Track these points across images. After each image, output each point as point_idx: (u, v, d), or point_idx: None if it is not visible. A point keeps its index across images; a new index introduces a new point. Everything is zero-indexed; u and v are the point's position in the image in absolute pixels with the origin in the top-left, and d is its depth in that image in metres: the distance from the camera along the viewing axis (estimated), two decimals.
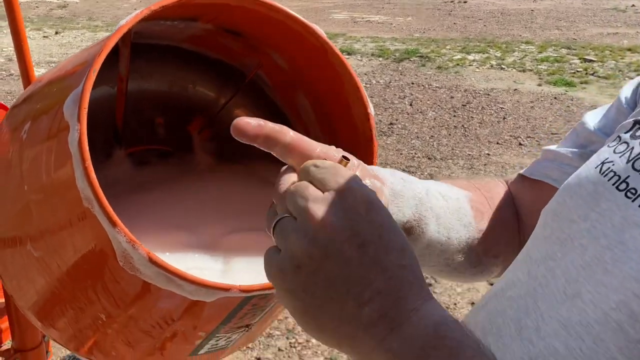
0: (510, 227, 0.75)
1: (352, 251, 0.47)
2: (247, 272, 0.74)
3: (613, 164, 0.54)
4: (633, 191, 0.50)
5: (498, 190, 0.78)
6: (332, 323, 0.48)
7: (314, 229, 0.47)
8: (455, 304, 2.68)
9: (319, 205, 0.48)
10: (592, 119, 0.70)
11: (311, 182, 0.51)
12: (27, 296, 0.78)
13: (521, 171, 0.77)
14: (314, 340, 2.47)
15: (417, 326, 0.46)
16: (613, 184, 0.52)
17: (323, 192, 0.49)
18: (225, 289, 0.63)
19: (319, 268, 0.47)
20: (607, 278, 0.48)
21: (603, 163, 0.55)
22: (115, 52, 0.85)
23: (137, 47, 0.87)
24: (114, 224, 0.60)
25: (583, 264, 0.50)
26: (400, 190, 0.66)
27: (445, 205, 0.70)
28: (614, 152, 0.55)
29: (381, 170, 0.66)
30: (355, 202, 0.48)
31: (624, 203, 0.50)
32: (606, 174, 0.53)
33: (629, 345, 0.45)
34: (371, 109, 0.76)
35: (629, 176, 0.51)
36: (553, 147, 0.74)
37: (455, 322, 0.48)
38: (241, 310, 0.70)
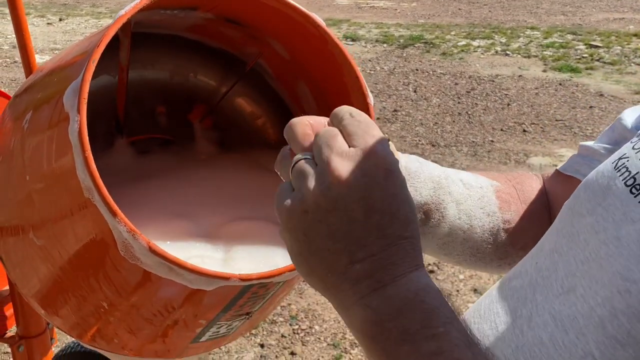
0: (540, 220, 0.75)
1: (358, 212, 0.48)
2: (248, 260, 0.74)
3: (628, 160, 0.54)
4: (638, 187, 0.50)
5: (531, 184, 0.78)
6: (323, 271, 0.49)
7: (330, 181, 0.48)
8: (457, 290, 2.69)
9: (341, 159, 0.49)
10: (630, 115, 0.70)
11: (341, 131, 0.51)
12: (30, 284, 0.79)
13: (558, 167, 0.77)
14: (317, 327, 2.49)
15: (400, 289, 0.48)
16: (623, 180, 0.52)
17: (349, 147, 0.50)
18: (225, 277, 0.64)
19: (324, 219, 0.48)
20: (600, 274, 0.48)
21: (620, 159, 0.55)
22: (115, 41, 0.85)
23: (137, 36, 0.87)
24: (114, 213, 0.61)
25: (583, 258, 0.50)
26: (415, 171, 0.67)
27: (467, 193, 0.70)
28: (633, 148, 0.55)
29: (396, 152, 0.67)
30: (377, 166, 0.49)
31: (627, 198, 0.50)
32: (619, 169, 0.53)
33: (606, 341, 0.46)
34: (371, 99, 0.76)
35: (638, 172, 0.52)
36: (589, 142, 0.74)
37: (437, 291, 0.49)
38: (241, 298, 0.71)
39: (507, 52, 6.61)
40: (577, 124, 4.63)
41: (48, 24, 8.19)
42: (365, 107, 0.77)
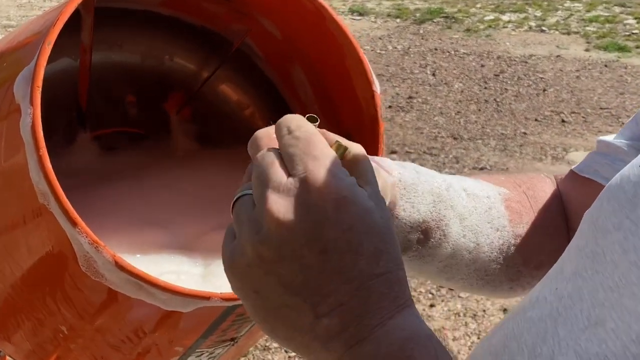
0: (556, 232, 0.74)
1: (311, 257, 0.46)
2: None
3: None
4: None
5: (544, 188, 0.76)
6: (287, 330, 0.48)
7: (267, 226, 0.47)
8: (484, 310, 2.69)
9: (278, 195, 0.47)
10: None
11: (281, 154, 0.50)
12: None
13: (573, 167, 0.75)
14: None
15: (380, 343, 0.46)
16: None
17: (288, 176, 0.48)
18: (205, 297, 0.64)
19: (272, 270, 0.47)
20: (633, 303, 0.46)
21: None
22: (76, 18, 0.85)
23: (103, 12, 0.88)
24: (73, 223, 0.61)
25: (612, 284, 0.49)
26: (412, 184, 0.66)
27: (472, 205, 0.69)
28: None
29: (387, 161, 0.66)
30: (322, 196, 0.47)
31: None
32: None
33: None
34: (376, 86, 0.77)
35: None
36: (608, 137, 0.72)
37: (428, 338, 0.48)
38: (224, 321, 0.71)
39: (543, 28, 6.61)
40: (625, 112, 4.63)
41: None
42: (370, 95, 0.78)
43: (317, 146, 0.49)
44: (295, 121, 0.51)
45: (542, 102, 4.84)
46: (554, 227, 0.73)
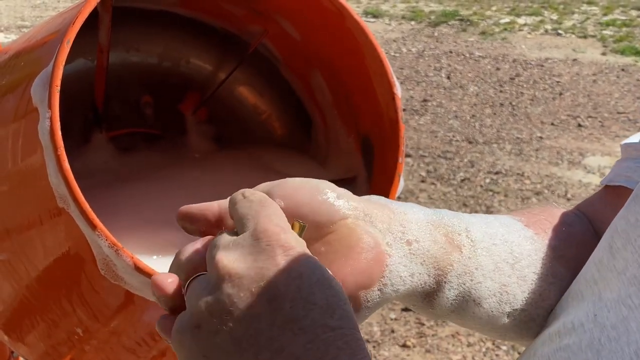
0: (591, 245, 0.62)
1: (261, 306, 0.44)
2: None
3: None
4: None
5: (558, 214, 0.66)
6: None
7: (217, 279, 0.45)
8: None
9: (228, 251, 0.46)
10: None
11: (234, 219, 0.50)
12: None
13: (602, 180, 0.67)
14: None
15: None
16: None
17: (239, 235, 0.48)
18: None
19: (221, 327, 0.45)
20: None
21: None
22: (94, 18, 0.85)
23: (120, 12, 0.88)
24: (93, 226, 0.61)
25: None
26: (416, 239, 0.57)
27: (492, 230, 0.60)
28: None
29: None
30: (270, 245, 0.46)
31: None
32: None
33: None
34: (398, 89, 0.76)
35: None
36: (633, 139, 0.65)
37: None
38: None
39: (559, 32, 6.58)
40: None
41: None
42: (390, 97, 0.77)
43: (270, 207, 0.49)
44: (249, 190, 0.51)
45: (559, 106, 4.82)
46: (586, 240, 0.65)
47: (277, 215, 0.48)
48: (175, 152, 1.00)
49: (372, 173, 0.86)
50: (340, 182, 0.90)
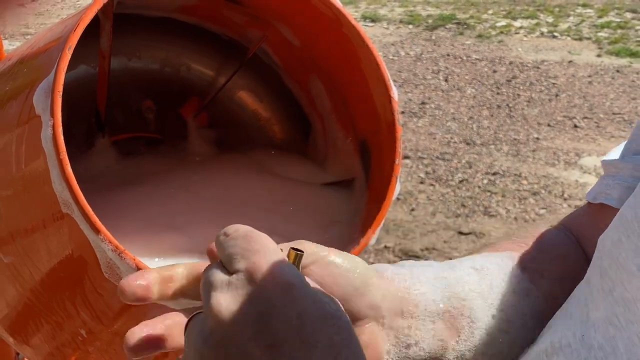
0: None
1: (259, 353, 0.42)
2: None
3: None
4: None
5: (552, 241, 0.67)
6: None
7: (210, 325, 0.43)
8: None
9: (222, 293, 0.44)
10: None
11: (222, 261, 0.47)
12: None
13: (587, 195, 0.68)
14: None
15: None
16: None
17: (231, 274, 0.45)
18: None
19: None
20: None
21: None
22: (95, 25, 0.85)
23: (121, 19, 0.88)
24: (97, 231, 0.61)
25: None
26: (412, 276, 0.59)
27: (487, 283, 0.61)
28: None
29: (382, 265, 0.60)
30: (266, 284, 0.43)
31: None
32: None
33: None
34: (394, 92, 0.76)
35: None
36: (613, 155, 0.65)
37: None
38: None
39: (555, 34, 6.58)
40: (637, 117, 4.60)
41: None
42: (387, 100, 0.77)
43: (258, 240, 0.47)
44: (232, 226, 0.49)
45: (555, 108, 4.82)
46: (578, 275, 0.64)
47: (267, 250, 0.46)
48: (176, 155, 1.00)
49: (369, 175, 0.86)
50: (339, 184, 0.90)
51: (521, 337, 0.60)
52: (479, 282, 0.60)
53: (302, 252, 0.48)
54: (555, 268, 0.64)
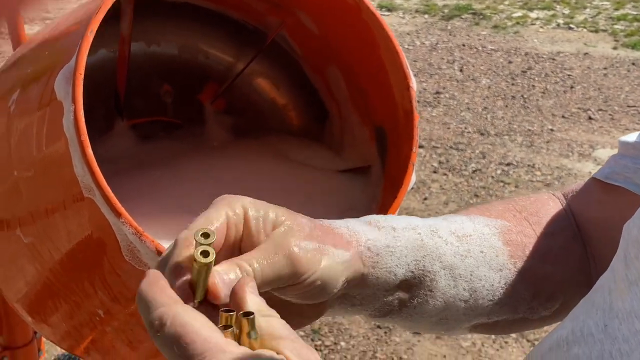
0: (567, 259, 0.64)
1: None
2: None
3: None
4: None
5: (548, 211, 0.66)
6: None
7: None
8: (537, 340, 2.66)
9: None
10: None
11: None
12: (16, 287, 0.80)
13: (594, 173, 0.65)
14: (343, 343, 2.49)
15: None
16: None
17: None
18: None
19: None
20: None
21: None
22: (116, 10, 0.86)
23: (141, 4, 0.88)
24: (118, 214, 0.61)
25: None
26: (387, 246, 0.58)
27: (464, 249, 0.60)
28: None
29: (358, 225, 0.58)
30: None
31: None
32: None
33: None
34: (413, 81, 0.76)
35: None
36: (631, 137, 0.62)
37: None
38: None
39: (571, 26, 6.53)
40: None
41: None
42: (405, 87, 0.77)
43: (186, 328, 0.40)
44: (156, 322, 0.41)
45: (570, 99, 4.78)
46: (564, 254, 0.64)
47: (201, 331, 0.40)
48: (193, 140, 1.00)
49: (385, 162, 0.86)
50: (355, 171, 0.90)
51: (485, 309, 0.61)
52: (455, 252, 0.60)
53: (252, 313, 0.41)
54: (541, 245, 0.63)
